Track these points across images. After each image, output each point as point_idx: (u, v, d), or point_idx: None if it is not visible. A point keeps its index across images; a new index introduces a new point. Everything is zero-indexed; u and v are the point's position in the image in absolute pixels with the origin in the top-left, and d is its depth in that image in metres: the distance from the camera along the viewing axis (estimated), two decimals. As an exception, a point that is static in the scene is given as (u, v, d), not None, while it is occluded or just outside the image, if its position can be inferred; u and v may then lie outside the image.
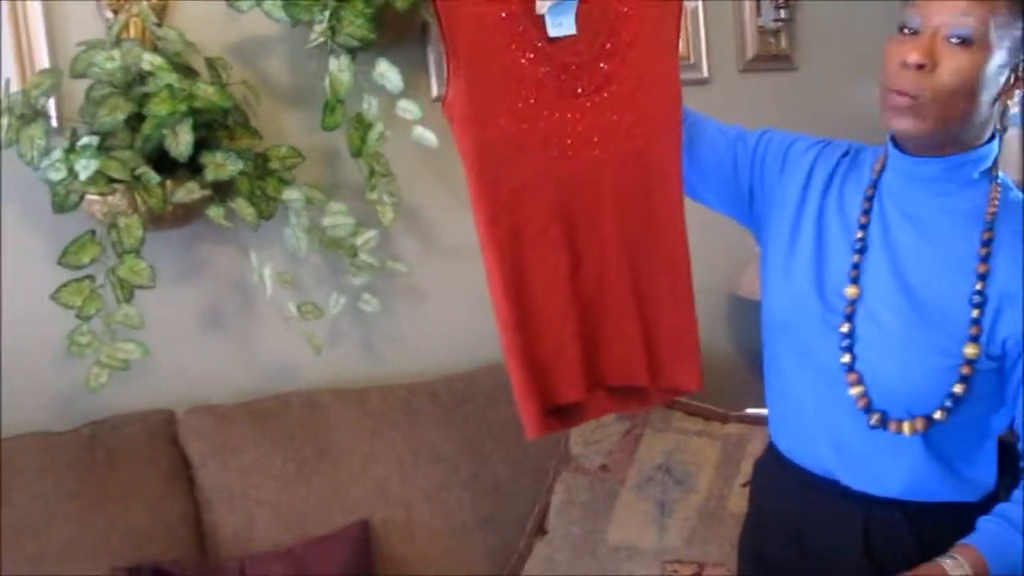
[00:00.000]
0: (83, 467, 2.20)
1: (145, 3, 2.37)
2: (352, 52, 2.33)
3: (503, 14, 1.47)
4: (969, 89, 1.34)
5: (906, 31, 1.38)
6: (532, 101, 1.50)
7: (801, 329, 1.51)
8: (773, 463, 1.60)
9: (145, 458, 2.28)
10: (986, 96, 1.36)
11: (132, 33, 2.33)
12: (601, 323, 1.57)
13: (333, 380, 2.57)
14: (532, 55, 1.49)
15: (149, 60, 2.18)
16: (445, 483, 2.43)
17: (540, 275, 1.53)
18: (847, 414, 1.44)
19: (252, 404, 2.43)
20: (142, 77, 2.21)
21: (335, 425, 2.42)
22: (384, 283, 2.61)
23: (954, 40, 1.32)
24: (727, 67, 3.08)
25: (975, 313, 1.37)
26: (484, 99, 1.48)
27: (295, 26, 2.37)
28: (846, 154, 1.59)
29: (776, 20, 3.08)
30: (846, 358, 1.44)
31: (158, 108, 2.14)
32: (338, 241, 2.46)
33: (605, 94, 1.53)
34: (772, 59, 3.12)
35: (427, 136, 2.35)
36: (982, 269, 1.38)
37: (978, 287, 1.37)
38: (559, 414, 1.58)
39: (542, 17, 1.50)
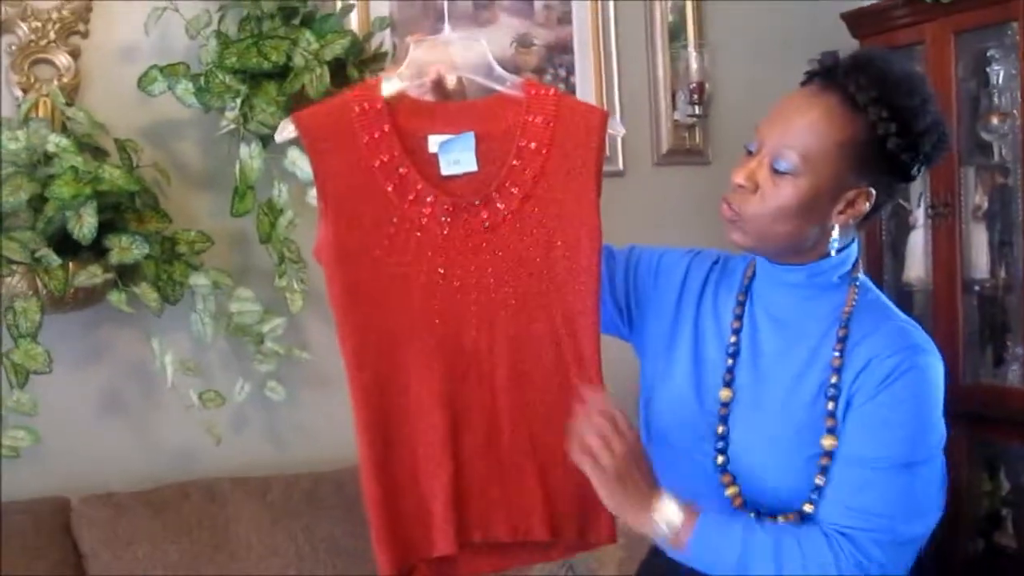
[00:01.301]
0: (-33, 558, 2.12)
1: (56, 83, 2.35)
2: (264, 139, 2.33)
3: (383, 158, 1.43)
4: (786, 214, 1.39)
5: (748, 150, 1.44)
6: (412, 245, 1.45)
7: (680, 433, 1.51)
8: (658, 564, 1.59)
9: (34, 548, 2.21)
10: (809, 220, 1.40)
11: (41, 112, 2.31)
12: (490, 476, 1.48)
13: (237, 468, 2.52)
14: (412, 197, 1.44)
15: (55, 141, 2.16)
16: (346, 576, 2.38)
17: (409, 425, 1.45)
18: (727, 514, 1.45)
19: (149, 493, 2.37)
20: (47, 158, 2.18)
21: (234, 516, 2.37)
22: (291, 370, 2.58)
23: (776, 168, 1.38)
24: (642, 160, 3.13)
25: (830, 406, 1.40)
26: (352, 244, 1.43)
27: (208, 111, 2.37)
28: (716, 262, 1.62)
29: (690, 116, 3.15)
30: (720, 459, 1.46)
31: (62, 190, 2.11)
32: (244, 328, 2.43)
33: (504, 232, 1.47)
34: (686, 153, 3.18)
35: (336, 225, 2.34)
36: (836, 363, 1.41)
37: (833, 380, 1.41)
38: (435, 566, 1.49)
39: (435, 156, 1.46)
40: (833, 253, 1.43)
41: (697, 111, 3.13)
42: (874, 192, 1.40)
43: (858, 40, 3.02)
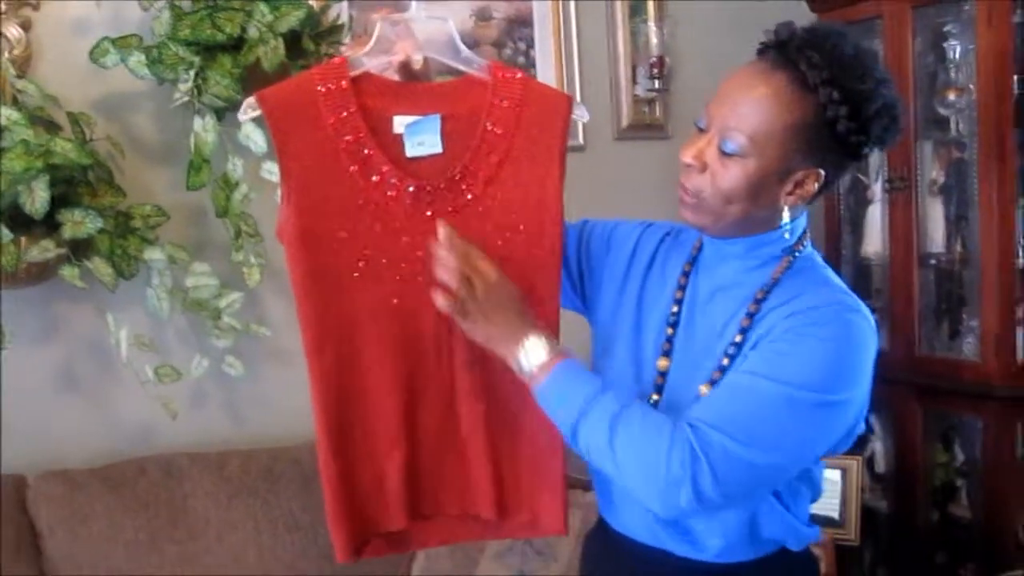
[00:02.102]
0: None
1: (6, 55, 2.32)
2: (218, 112, 2.31)
3: (347, 138, 1.42)
4: (736, 195, 1.38)
5: (698, 127, 1.43)
6: (377, 227, 1.43)
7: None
8: (602, 537, 1.60)
9: (-10, 525, 2.19)
10: (758, 200, 1.39)
11: (-9, 86, 2.27)
12: (443, 455, 1.49)
13: (194, 444, 2.51)
14: (376, 178, 1.43)
15: (5, 114, 2.13)
16: (304, 551, 2.38)
17: (366, 406, 1.46)
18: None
19: (106, 469, 2.36)
20: (-1, 131, 2.15)
21: (191, 492, 2.36)
22: (249, 345, 2.57)
23: (724, 149, 1.37)
24: (602, 135, 3.13)
25: (724, 361, 1.41)
26: (314, 225, 1.41)
27: (161, 84, 2.35)
28: (668, 233, 1.63)
29: (651, 90, 3.15)
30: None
31: (13, 164, 2.08)
32: (201, 303, 2.41)
33: (465, 216, 1.46)
34: (646, 128, 3.19)
35: (293, 199, 2.33)
36: (744, 323, 1.41)
37: (736, 339, 1.41)
38: (388, 539, 1.52)
39: (400, 137, 1.44)
40: (787, 235, 1.44)
41: (657, 85, 3.13)
42: (823, 172, 1.39)
43: (816, 14, 3.03)
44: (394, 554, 1.57)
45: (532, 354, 1.38)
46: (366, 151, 1.43)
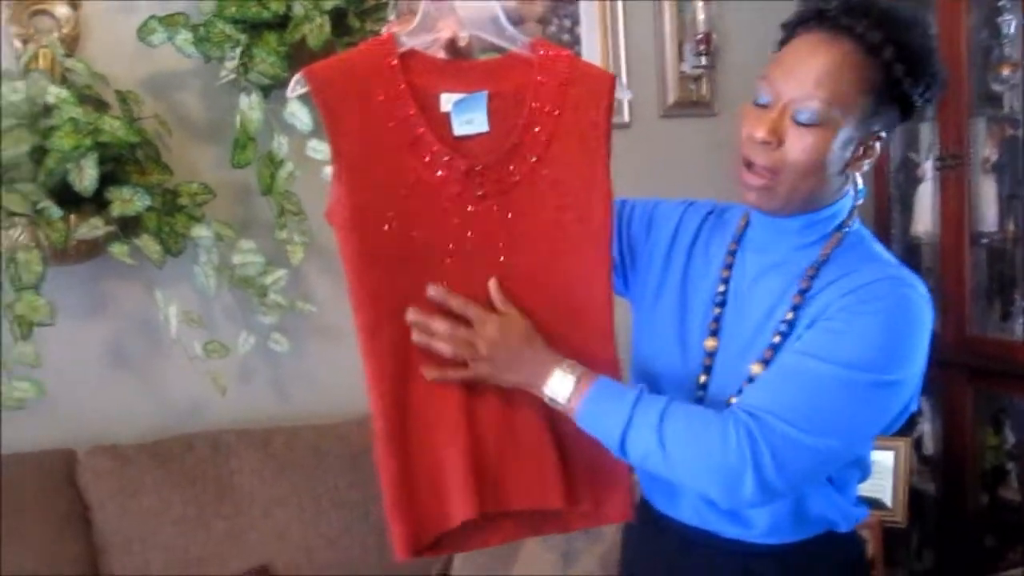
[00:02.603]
0: (-27, 508, 2.14)
1: (55, 34, 2.34)
2: (265, 90, 2.31)
3: (398, 117, 1.37)
4: (814, 167, 1.36)
5: (759, 104, 1.39)
6: (427, 208, 1.39)
7: (665, 383, 1.50)
8: (645, 518, 1.59)
9: (40, 499, 2.23)
10: (831, 171, 1.38)
11: (42, 64, 2.29)
12: (505, 442, 1.43)
13: (241, 420, 2.53)
14: (428, 158, 1.38)
15: (55, 93, 2.15)
16: (349, 528, 2.39)
17: (423, 394, 1.40)
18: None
19: (154, 445, 2.38)
20: (48, 109, 2.16)
21: (238, 468, 2.38)
22: (295, 322, 2.58)
23: (799, 120, 1.35)
24: (648, 112, 3.10)
25: (776, 339, 1.39)
26: (366, 206, 1.36)
27: (208, 62, 2.35)
28: (711, 212, 1.61)
29: (697, 67, 3.11)
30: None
31: (62, 142, 2.10)
32: (248, 280, 2.42)
33: (516, 196, 1.42)
34: (692, 105, 3.15)
35: (337, 177, 2.34)
36: (796, 300, 1.39)
37: (787, 316, 1.39)
38: (449, 539, 1.43)
39: (447, 116, 1.40)
40: (859, 200, 1.43)
41: (704, 62, 3.09)
42: (884, 136, 1.39)
43: (868, -11, 2.98)
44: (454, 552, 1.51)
45: (559, 388, 1.36)
46: (417, 130, 1.38)
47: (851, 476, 1.48)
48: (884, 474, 2.76)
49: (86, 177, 2.13)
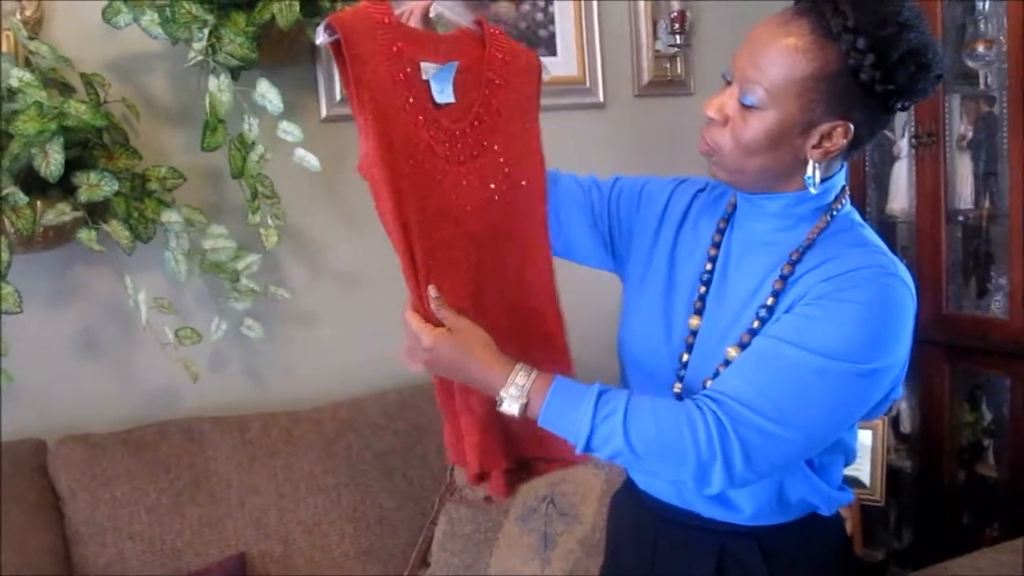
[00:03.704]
0: (-59, 499, 2.10)
1: (18, 16, 2.28)
2: (233, 71, 2.27)
3: (402, 74, 1.39)
4: (755, 149, 1.35)
5: (726, 79, 1.40)
6: (426, 168, 1.41)
7: (650, 360, 1.50)
8: (629, 498, 1.59)
9: (10, 490, 2.19)
10: (782, 154, 1.36)
11: (4, 47, 2.24)
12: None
13: (214, 407, 2.50)
14: (422, 118, 1.41)
15: (18, 76, 2.10)
16: (326, 514, 2.37)
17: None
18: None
19: (127, 433, 2.35)
20: (11, 93, 2.12)
21: (213, 455, 2.35)
22: (268, 308, 2.55)
23: (744, 102, 1.34)
24: (623, 91, 3.08)
25: (755, 324, 1.38)
26: (391, 158, 1.37)
27: (175, 43, 2.31)
28: (702, 190, 1.60)
29: (672, 46, 3.09)
30: (677, 387, 1.44)
31: (26, 126, 2.05)
32: (219, 265, 2.39)
33: (480, 163, 1.46)
34: (667, 84, 3.13)
35: (309, 159, 2.31)
36: (777, 285, 1.38)
37: (768, 301, 1.38)
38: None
39: (427, 83, 1.42)
40: (812, 189, 1.37)
41: (679, 40, 3.07)
42: (851, 126, 1.33)
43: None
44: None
45: (513, 395, 1.34)
46: (414, 90, 1.40)
47: (833, 461, 1.48)
48: (862, 452, 2.76)
49: (52, 162, 2.09)
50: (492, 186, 1.48)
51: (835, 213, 1.42)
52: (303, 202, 2.55)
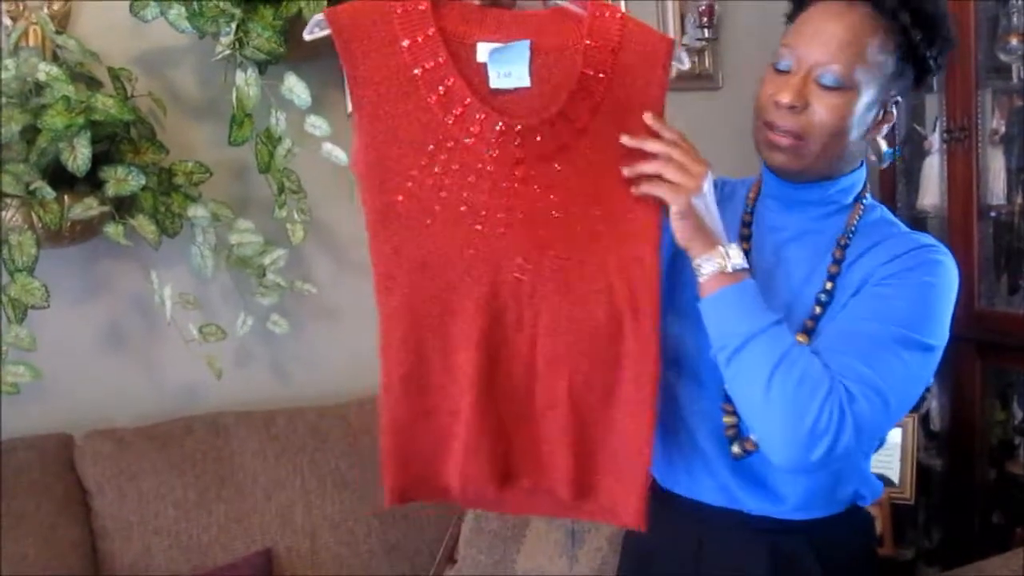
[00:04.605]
0: (-30, 494, 2.10)
1: (45, 11, 2.28)
2: (260, 65, 2.26)
3: (426, 64, 1.29)
4: (841, 129, 1.37)
5: (779, 69, 1.40)
6: (455, 167, 1.30)
7: (688, 360, 1.47)
8: (661, 504, 1.54)
9: (38, 484, 2.19)
10: (856, 134, 1.39)
11: (32, 41, 2.24)
12: (519, 422, 1.37)
13: (240, 402, 2.49)
14: (459, 111, 1.29)
15: (45, 70, 2.10)
16: (352, 510, 2.36)
17: (434, 358, 1.35)
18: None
19: (153, 428, 2.35)
20: (39, 88, 2.12)
21: (239, 450, 2.35)
22: (294, 303, 2.55)
23: (824, 83, 1.35)
24: (650, 86, 3.05)
25: (817, 310, 1.39)
26: (387, 159, 1.29)
27: (202, 37, 2.30)
28: (715, 187, 1.57)
29: (700, 39, 3.07)
30: (727, 385, 1.40)
31: (54, 120, 2.05)
32: (246, 260, 2.38)
33: (556, 166, 1.32)
34: (695, 78, 3.10)
35: (336, 153, 2.30)
36: (832, 270, 1.41)
37: (827, 286, 1.40)
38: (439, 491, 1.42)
39: (483, 67, 1.30)
40: (884, 164, 1.46)
41: (707, 34, 3.04)
42: (901, 100, 1.41)
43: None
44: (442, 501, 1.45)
45: (732, 255, 1.33)
46: (448, 80, 1.29)
47: (872, 447, 1.48)
48: (892, 450, 2.74)
49: (79, 156, 2.09)
50: (578, 190, 1.34)
51: (865, 201, 1.47)
52: (329, 196, 2.54)
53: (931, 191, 2.99)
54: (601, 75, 1.33)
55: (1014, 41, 2.75)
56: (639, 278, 1.36)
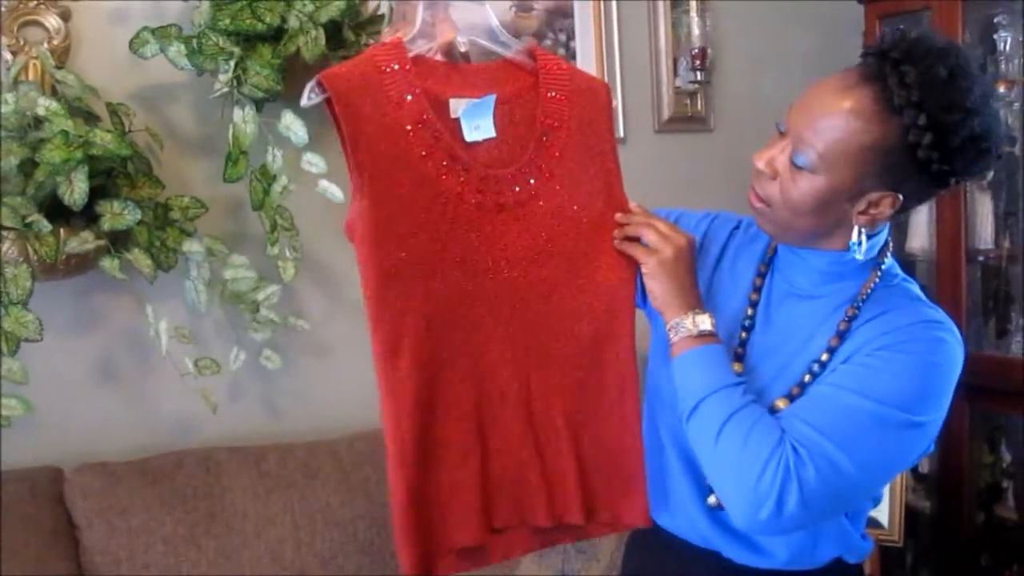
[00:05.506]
0: (-42, 527, 2.09)
1: (46, 46, 2.30)
2: (258, 103, 2.28)
3: (416, 122, 1.32)
4: (805, 210, 1.33)
5: (779, 130, 1.38)
6: (449, 218, 1.33)
7: (675, 409, 1.47)
8: (650, 538, 1.55)
9: (27, 518, 2.18)
10: (830, 217, 1.35)
11: (32, 76, 2.26)
12: (524, 460, 1.40)
13: (232, 437, 2.49)
14: (447, 164, 1.33)
15: (44, 105, 2.11)
16: (342, 547, 2.35)
17: (440, 413, 1.35)
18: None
19: (143, 462, 2.34)
20: (38, 122, 2.13)
21: (229, 486, 2.34)
22: (287, 339, 2.55)
23: (796, 162, 1.32)
24: (643, 127, 3.09)
25: (806, 378, 1.37)
26: (390, 219, 1.30)
27: (201, 74, 2.33)
28: (737, 227, 1.58)
29: (692, 83, 3.10)
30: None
31: (52, 155, 2.07)
32: (239, 295, 2.39)
33: (533, 208, 1.39)
34: (688, 120, 3.14)
35: (332, 190, 2.31)
36: (833, 343, 1.37)
37: (822, 357, 1.37)
38: (462, 554, 1.38)
39: (457, 122, 1.35)
40: (858, 255, 1.35)
41: (699, 77, 3.08)
42: (900, 197, 1.31)
43: (864, 5, 2.97)
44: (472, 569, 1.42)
45: (699, 322, 1.37)
46: (435, 136, 1.33)
47: (864, 508, 1.46)
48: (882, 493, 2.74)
49: (76, 191, 2.10)
50: (554, 232, 1.41)
51: (882, 267, 1.41)
52: (323, 233, 2.55)
53: (919, 234, 3.02)
54: (560, 124, 1.41)
55: (1002, 88, 2.80)
56: (617, 309, 1.44)
